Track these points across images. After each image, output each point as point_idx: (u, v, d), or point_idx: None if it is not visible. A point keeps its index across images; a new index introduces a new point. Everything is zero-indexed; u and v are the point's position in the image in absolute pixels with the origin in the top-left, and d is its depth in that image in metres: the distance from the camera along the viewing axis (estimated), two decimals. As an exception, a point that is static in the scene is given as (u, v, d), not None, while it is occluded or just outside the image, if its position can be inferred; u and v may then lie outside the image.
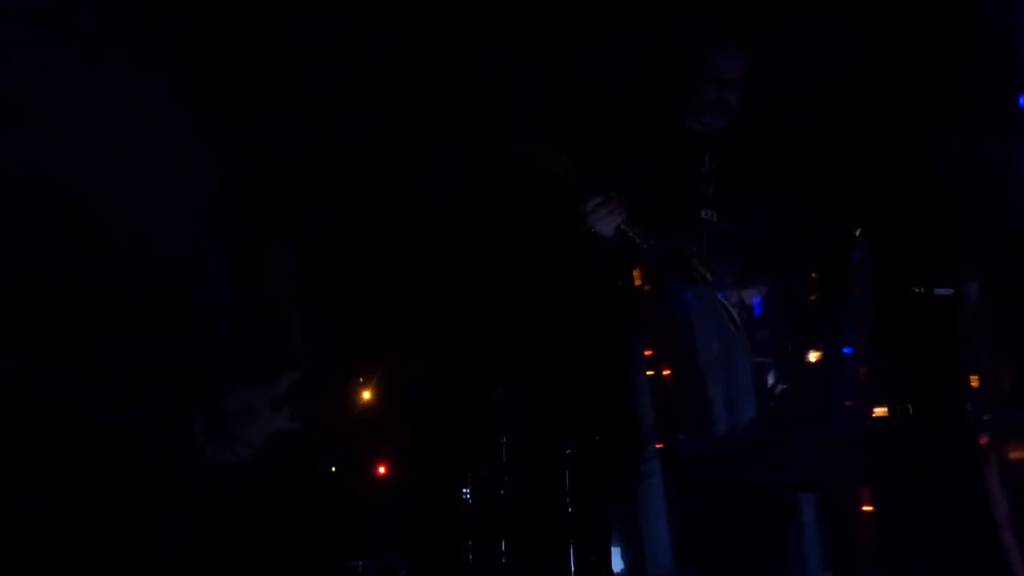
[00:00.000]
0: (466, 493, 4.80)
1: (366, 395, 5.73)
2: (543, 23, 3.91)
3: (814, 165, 4.04)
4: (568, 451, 4.31)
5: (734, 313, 2.18)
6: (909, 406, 3.49)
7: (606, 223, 2.53)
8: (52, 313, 2.62)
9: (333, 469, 5.10)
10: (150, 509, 2.81)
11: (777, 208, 2.70)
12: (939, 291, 3.53)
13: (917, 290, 3.60)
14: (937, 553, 2.71)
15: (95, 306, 2.73)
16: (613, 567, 3.42)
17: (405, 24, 3.93)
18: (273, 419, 3.34)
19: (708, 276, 2.52)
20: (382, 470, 5.25)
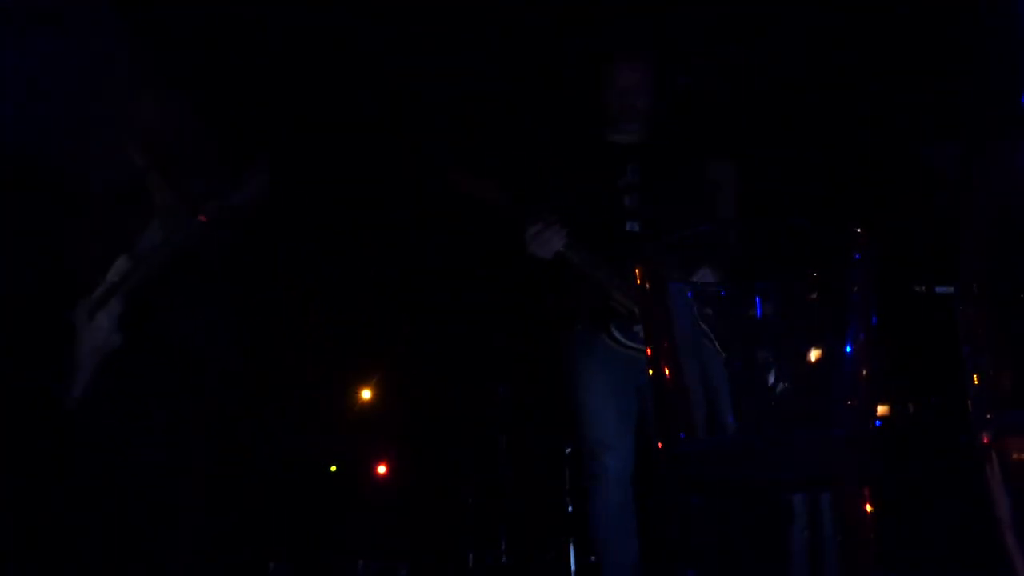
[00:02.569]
0: (466, 493, 4.80)
1: (366, 394, 5.73)
2: (479, 39, 3.91)
3: (801, 167, 4.04)
4: (568, 451, 4.31)
5: (708, 313, 2.19)
6: (909, 406, 3.50)
7: (546, 248, 2.56)
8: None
9: (333, 469, 5.11)
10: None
11: (701, 217, 2.70)
12: (940, 290, 3.53)
13: (918, 289, 3.60)
14: (937, 553, 2.71)
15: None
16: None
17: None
18: (93, 333, 2.43)
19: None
20: (382, 470, 5.26)
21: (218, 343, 2.79)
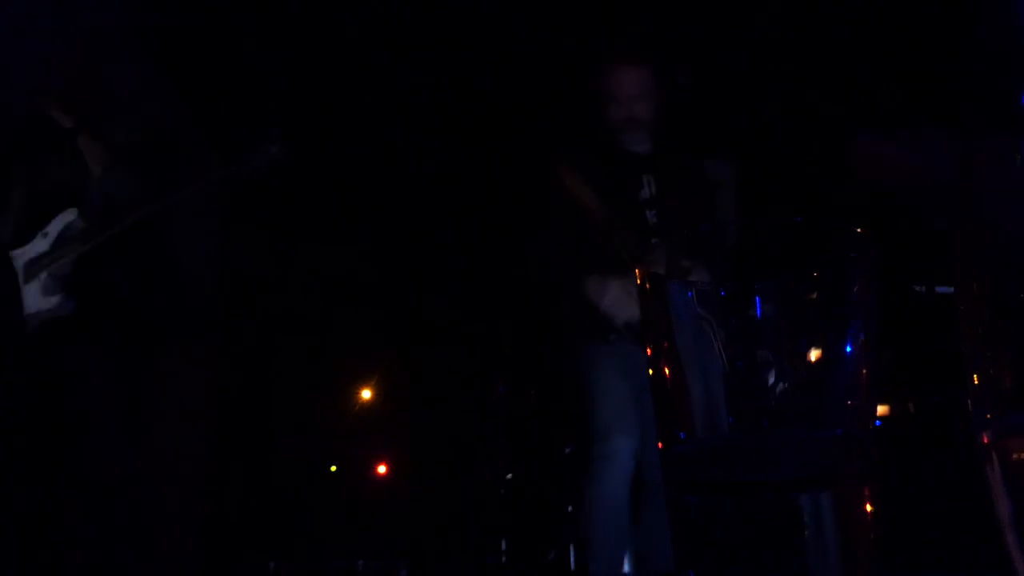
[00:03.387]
0: (466, 493, 4.80)
1: (366, 394, 5.73)
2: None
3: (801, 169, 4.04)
4: (568, 451, 4.31)
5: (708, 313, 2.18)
6: (909, 406, 3.49)
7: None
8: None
9: (333, 469, 5.11)
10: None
11: (708, 225, 2.69)
12: (940, 289, 3.53)
13: (918, 288, 3.60)
14: (937, 553, 2.71)
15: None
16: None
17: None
18: (28, 296, 2.27)
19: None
20: (382, 470, 5.26)
21: (184, 320, 2.65)
